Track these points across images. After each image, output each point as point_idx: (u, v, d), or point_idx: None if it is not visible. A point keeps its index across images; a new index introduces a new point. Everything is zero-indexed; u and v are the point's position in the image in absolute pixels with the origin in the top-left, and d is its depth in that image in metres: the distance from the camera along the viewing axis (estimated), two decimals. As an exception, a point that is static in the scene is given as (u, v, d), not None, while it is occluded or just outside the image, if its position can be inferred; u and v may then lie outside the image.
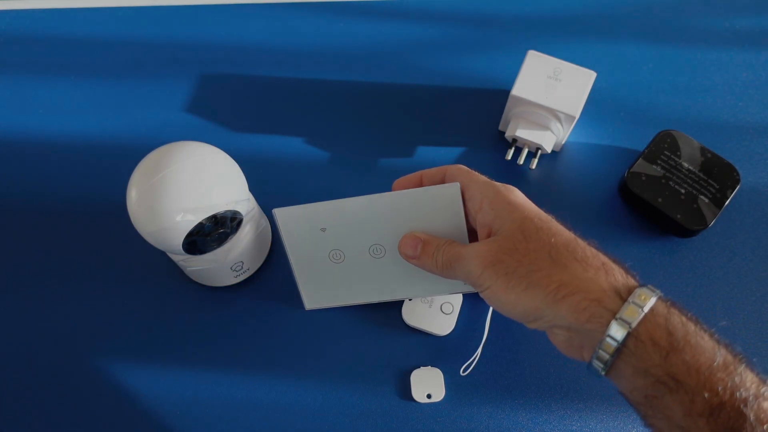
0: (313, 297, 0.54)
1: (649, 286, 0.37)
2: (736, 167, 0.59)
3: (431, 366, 0.55)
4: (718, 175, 0.59)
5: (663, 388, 0.34)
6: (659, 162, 0.60)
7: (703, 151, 0.60)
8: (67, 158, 0.64)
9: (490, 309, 0.56)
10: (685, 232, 0.58)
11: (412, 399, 0.53)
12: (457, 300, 0.56)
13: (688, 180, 0.59)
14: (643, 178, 0.59)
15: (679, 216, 0.57)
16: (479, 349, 0.55)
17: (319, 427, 0.53)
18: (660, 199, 0.58)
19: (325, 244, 0.49)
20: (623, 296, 0.36)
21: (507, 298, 0.40)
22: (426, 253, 0.45)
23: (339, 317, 0.57)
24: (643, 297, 0.36)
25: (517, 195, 0.43)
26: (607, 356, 0.36)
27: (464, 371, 0.54)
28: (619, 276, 0.38)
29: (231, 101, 0.67)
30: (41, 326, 0.57)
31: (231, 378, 0.55)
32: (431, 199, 0.45)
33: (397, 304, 0.56)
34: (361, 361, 0.55)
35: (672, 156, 0.60)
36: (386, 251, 0.49)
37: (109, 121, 0.66)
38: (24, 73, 0.69)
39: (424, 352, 0.55)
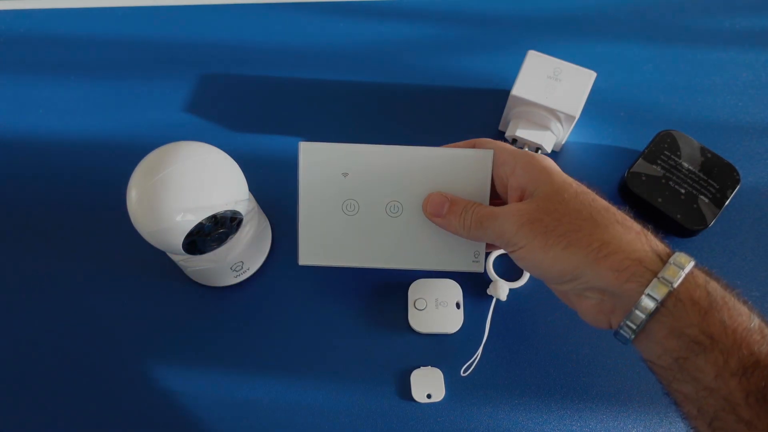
0: (312, 251, 0.48)
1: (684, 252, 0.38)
2: (736, 167, 0.59)
3: (431, 366, 0.55)
4: (718, 175, 0.59)
5: (697, 348, 0.34)
6: (659, 162, 0.60)
7: (703, 151, 0.60)
8: (67, 158, 0.64)
9: (491, 309, 0.56)
10: (685, 232, 0.58)
11: (412, 399, 0.53)
12: (460, 294, 0.56)
13: (688, 180, 0.59)
14: (643, 178, 0.59)
15: (679, 216, 0.57)
16: (479, 349, 0.55)
17: (319, 427, 0.53)
18: (660, 199, 0.58)
19: (342, 192, 0.47)
20: (663, 258, 0.37)
21: (544, 257, 0.39)
22: (453, 213, 0.45)
23: (339, 317, 0.57)
24: (682, 259, 0.36)
25: (552, 162, 0.44)
26: (642, 317, 0.36)
27: (464, 371, 0.54)
28: (656, 241, 0.39)
29: (231, 101, 0.67)
30: (41, 326, 0.57)
31: (231, 378, 0.55)
32: (463, 161, 0.45)
33: (400, 306, 0.56)
34: (361, 361, 0.55)
35: (672, 156, 0.60)
36: (403, 210, 0.47)
37: (109, 121, 0.66)
38: (24, 73, 0.69)
39: (424, 352, 0.55)
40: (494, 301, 0.56)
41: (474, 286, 0.57)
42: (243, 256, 0.54)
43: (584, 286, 0.39)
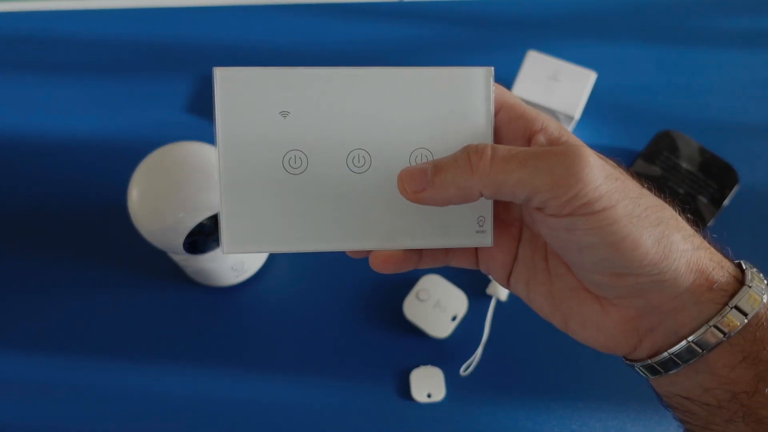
0: (242, 233, 0.32)
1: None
2: (735, 167, 0.59)
3: (431, 365, 0.55)
4: (717, 175, 0.59)
5: None
6: (658, 162, 0.60)
7: (702, 151, 0.60)
8: (67, 158, 0.64)
9: (491, 309, 0.56)
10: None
11: (412, 398, 0.54)
12: (463, 308, 0.56)
13: (687, 180, 0.59)
14: (642, 179, 0.59)
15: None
16: (479, 349, 0.55)
17: (319, 427, 0.53)
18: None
19: (282, 140, 0.32)
20: (733, 263, 0.29)
21: (632, 229, 0.26)
22: (449, 167, 0.28)
23: (339, 316, 0.57)
24: (754, 268, 0.29)
25: None
26: (715, 339, 0.27)
27: (464, 371, 0.54)
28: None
29: (231, 101, 0.67)
30: (40, 325, 0.57)
31: (231, 377, 0.55)
32: (450, 84, 0.32)
33: (399, 301, 0.57)
34: (361, 360, 0.55)
35: (671, 156, 0.60)
36: (371, 163, 0.32)
37: (109, 121, 0.66)
38: (25, 74, 0.69)
39: (424, 352, 0.55)
40: (494, 301, 0.56)
41: (474, 285, 0.57)
42: (243, 255, 0.54)
43: (645, 286, 0.27)
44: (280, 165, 0.32)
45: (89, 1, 0.73)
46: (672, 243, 0.27)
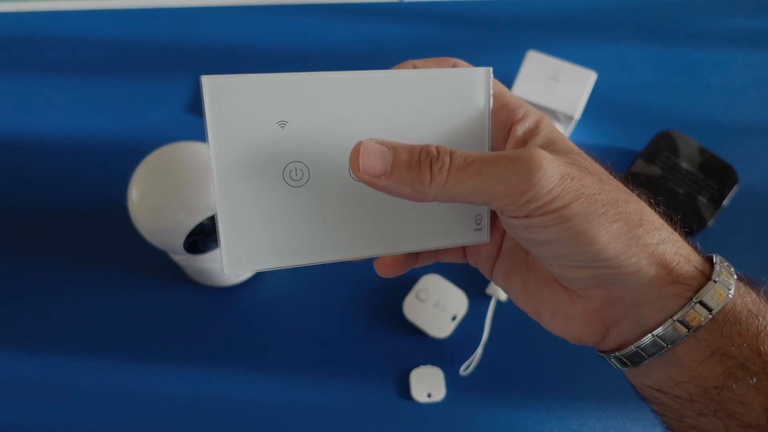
0: (243, 250, 0.30)
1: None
2: (735, 167, 0.59)
3: (431, 365, 0.55)
4: (717, 175, 0.59)
5: (742, 373, 0.27)
6: (658, 162, 0.60)
7: (702, 151, 0.60)
8: (67, 158, 0.64)
9: (491, 309, 0.56)
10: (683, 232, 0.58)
11: (412, 399, 0.54)
12: (463, 308, 0.56)
13: (687, 180, 0.59)
14: (642, 179, 0.59)
15: (677, 216, 0.58)
16: (479, 349, 0.55)
17: (319, 427, 0.53)
18: (659, 200, 0.58)
19: (281, 151, 0.30)
20: (703, 257, 0.29)
21: (588, 227, 0.27)
22: (407, 166, 0.27)
23: (339, 316, 0.57)
24: (725, 262, 0.29)
25: None
26: (680, 333, 0.27)
27: (464, 371, 0.54)
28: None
29: (231, 101, 0.67)
30: (40, 325, 0.57)
31: (230, 377, 0.55)
32: (449, 85, 0.31)
33: (399, 301, 0.57)
34: (361, 360, 0.55)
35: (671, 156, 0.60)
36: None
37: (109, 121, 0.66)
38: (25, 74, 0.69)
39: (424, 352, 0.56)
40: (494, 301, 0.56)
41: (474, 285, 0.57)
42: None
43: (605, 278, 0.28)
44: (281, 178, 0.30)
45: (89, 1, 0.73)
46: (633, 237, 0.27)
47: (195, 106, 0.67)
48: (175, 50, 0.70)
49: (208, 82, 0.28)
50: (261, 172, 0.30)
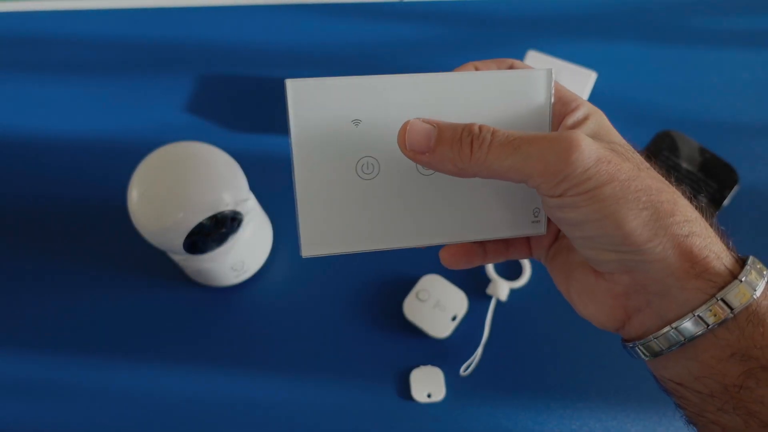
0: (319, 237, 0.34)
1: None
2: (735, 167, 0.59)
3: (431, 365, 0.55)
4: (717, 175, 0.59)
5: (763, 375, 0.27)
6: (658, 162, 0.60)
7: (702, 151, 0.60)
8: (67, 158, 0.64)
9: (491, 309, 0.56)
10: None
11: (412, 399, 0.54)
12: (463, 308, 0.56)
13: (687, 180, 0.59)
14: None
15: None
16: (479, 349, 0.55)
17: (319, 427, 0.53)
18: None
19: (355, 147, 0.33)
20: (734, 258, 0.29)
21: (617, 209, 0.27)
22: (448, 141, 0.29)
23: (339, 316, 0.57)
24: (759, 264, 0.29)
25: None
26: (698, 329, 0.27)
27: (464, 371, 0.54)
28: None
29: (231, 101, 0.67)
30: (41, 325, 0.57)
31: (231, 377, 0.55)
32: (512, 86, 0.33)
33: (398, 302, 0.57)
34: (361, 360, 0.55)
35: (671, 156, 0.60)
36: None
37: (109, 121, 0.66)
38: (25, 74, 0.69)
39: (424, 352, 0.56)
40: (494, 300, 0.56)
41: (474, 285, 0.57)
42: (243, 255, 0.54)
43: (630, 264, 0.28)
44: (354, 171, 0.34)
45: (89, 1, 0.73)
46: (661, 226, 0.27)
47: (195, 106, 0.67)
48: (174, 50, 0.70)
49: (291, 85, 0.31)
50: (336, 166, 0.34)
